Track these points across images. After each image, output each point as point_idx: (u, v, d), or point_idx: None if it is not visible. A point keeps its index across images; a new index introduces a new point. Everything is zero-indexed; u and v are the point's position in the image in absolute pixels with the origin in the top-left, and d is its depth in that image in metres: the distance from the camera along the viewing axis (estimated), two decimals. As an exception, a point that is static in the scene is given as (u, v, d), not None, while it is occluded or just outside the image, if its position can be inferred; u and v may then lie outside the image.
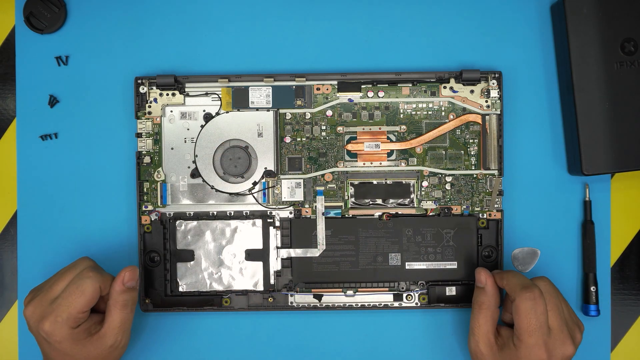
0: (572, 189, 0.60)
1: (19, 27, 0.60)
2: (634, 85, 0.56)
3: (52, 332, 0.51)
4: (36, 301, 0.52)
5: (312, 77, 0.59)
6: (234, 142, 0.59)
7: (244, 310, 0.60)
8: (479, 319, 0.54)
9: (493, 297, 0.55)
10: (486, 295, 0.55)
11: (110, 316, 0.53)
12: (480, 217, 0.59)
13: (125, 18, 0.60)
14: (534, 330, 0.52)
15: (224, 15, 0.60)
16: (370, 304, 0.59)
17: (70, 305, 0.51)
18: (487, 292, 0.55)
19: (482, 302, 0.55)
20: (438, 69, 0.60)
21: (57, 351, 0.52)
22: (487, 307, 0.54)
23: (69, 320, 0.51)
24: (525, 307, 0.52)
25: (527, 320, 0.52)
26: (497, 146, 0.59)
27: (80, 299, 0.51)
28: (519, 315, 0.52)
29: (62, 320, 0.51)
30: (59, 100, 0.60)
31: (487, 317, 0.54)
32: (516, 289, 0.53)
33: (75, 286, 0.52)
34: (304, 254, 0.59)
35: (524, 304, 0.52)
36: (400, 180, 0.59)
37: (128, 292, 0.53)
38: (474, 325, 0.55)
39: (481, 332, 0.54)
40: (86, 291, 0.52)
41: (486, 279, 0.55)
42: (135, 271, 0.54)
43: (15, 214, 0.60)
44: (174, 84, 0.59)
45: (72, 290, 0.52)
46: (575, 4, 0.57)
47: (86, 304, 0.52)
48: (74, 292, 0.52)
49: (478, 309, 0.55)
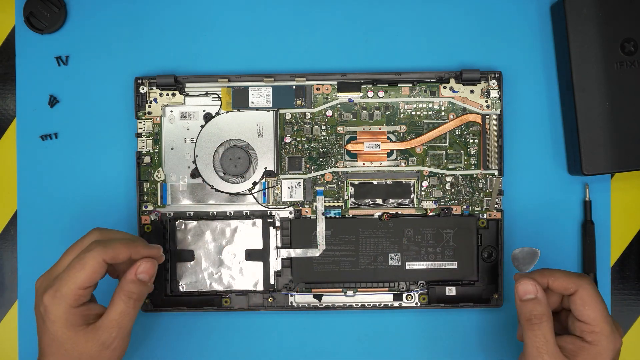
0: (572, 189, 0.60)
1: (19, 27, 0.60)
2: (634, 85, 0.56)
3: (50, 307, 0.48)
4: (44, 274, 0.50)
5: (312, 77, 0.59)
6: (234, 142, 0.59)
7: (244, 310, 0.60)
8: (545, 334, 0.48)
9: (548, 305, 0.49)
10: (542, 305, 0.49)
11: (112, 305, 0.50)
12: (480, 217, 0.59)
13: (125, 18, 0.60)
14: (607, 316, 0.48)
15: (224, 15, 0.60)
16: (370, 304, 0.59)
17: (69, 280, 0.48)
18: (541, 301, 0.49)
19: (542, 314, 0.48)
20: (438, 69, 0.60)
21: (47, 335, 0.49)
22: (548, 318, 0.49)
23: (67, 295, 0.48)
24: (594, 294, 0.48)
25: (600, 307, 0.48)
26: (497, 146, 0.59)
27: (80, 273, 0.48)
28: (589, 305, 0.48)
29: (60, 295, 0.48)
30: (59, 100, 0.60)
31: (550, 329, 0.48)
32: (571, 280, 0.49)
33: (78, 259, 0.49)
34: (304, 254, 0.59)
35: (590, 291, 0.48)
36: (400, 180, 0.59)
37: (138, 284, 0.50)
38: (540, 343, 0.48)
39: (550, 348, 0.48)
40: (87, 265, 0.48)
41: (536, 287, 0.49)
42: (153, 266, 0.51)
43: (15, 214, 0.60)
44: (174, 84, 0.59)
45: (74, 264, 0.49)
46: (575, 4, 0.57)
47: (87, 279, 0.48)
48: (75, 265, 0.48)
49: (539, 323, 0.48)
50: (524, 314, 0.49)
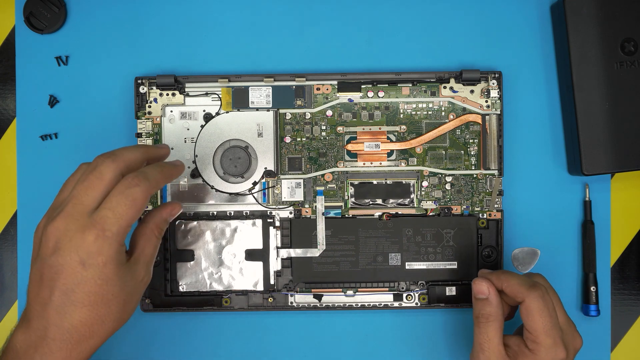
0: (572, 189, 0.60)
1: (19, 27, 0.60)
2: (634, 85, 0.56)
3: (99, 250, 0.44)
4: (65, 214, 0.45)
5: (312, 77, 0.59)
6: (234, 142, 0.59)
7: (244, 310, 0.60)
8: (488, 333, 0.50)
9: (499, 306, 0.51)
10: (491, 305, 0.51)
11: (145, 241, 0.48)
12: (480, 217, 0.59)
13: (125, 18, 0.60)
14: (550, 329, 0.49)
15: (224, 15, 0.60)
16: (370, 304, 0.59)
17: (121, 217, 0.44)
18: (491, 302, 0.51)
19: (489, 314, 0.51)
20: (438, 69, 0.60)
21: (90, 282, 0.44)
22: (495, 319, 0.51)
23: (118, 234, 0.45)
24: (538, 306, 0.49)
25: (542, 320, 0.49)
26: (497, 146, 0.59)
27: (131, 210, 0.45)
28: (532, 316, 0.49)
29: (111, 234, 0.44)
30: (59, 100, 0.60)
31: (496, 329, 0.51)
32: (521, 289, 0.50)
33: (124, 195, 0.45)
34: (304, 254, 0.59)
35: (535, 303, 0.49)
36: (400, 180, 0.59)
37: (167, 222, 0.51)
38: (483, 340, 0.51)
39: (492, 347, 0.50)
40: (137, 200, 0.45)
41: (489, 288, 0.51)
42: (180, 206, 0.52)
43: (15, 214, 0.60)
44: (174, 84, 0.59)
45: (119, 200, 0.45)
46: (575, 4, 0.57)
47: (137, 214, 0.45)
48: (123, 201, 0.45)
49: (485, 322, 0.51)
50: (474, 311, 0.52)
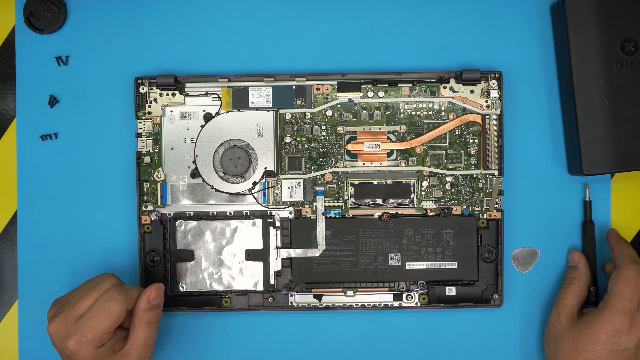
0: (572, 189, 0.60)
1: (19, 27, 0.60)
2: (634, 85, 0.56)
3: (77, 352, 0.51)
4: (60, 318, 0.52)
5: (312, 77, 0.59)
6: (234, 142, 0.59)
7: (244, 310, 0.60)
8: (567, 292, 0.56)
9: (584, 274, 0.57)
10: (578, 272, 0.57)
11: (135, 333, 0.53)
12: (480, 217, 0.59)
13: (125, 18, 0.60)
14: (625, 297, 0.53)
15: (224, 15, 0.60)
16: (370, 304, 0.59)
17: (96, 327, 0.51)
18: (579, 269, 0.57)
19: (573, 278, 0.57)
20: (438, 69, 0.60)
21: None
22: (577, 282, 0.57)
23: (94, 340, 0.51)
24: (627, 275, 0.53)
25: (623, 287, 0.53)
26: (497, 146, 0.59)
27: (106, 322, 0.51)
28: (617, 280, 0.54)
29: (87, 340, 0.51)
30: (59, 100, 0.60)
31: (575, 291, 0.56)
32: (627, 258, 0.55)
33: (102, 308, 0.51)
34: (304, 254, 0.59)
35: (627, 272, 0.54)
36: (400, 180, 0.59)
37: (153, 310, 0.53)
38: (560, 297, 0.56)
39: (566, 304, 0.56)
40: (113, 313, 0.51)
41: (579, 258, 0.58)
42: (161, 289, 0.54)
43: (15, 214, 0.60)
44: (174, 84, 0.59)
45: (98, 311, 0.51)
46: (575, 4, 0.57)
47: (112, 325, 0.52)
48: (100, 313, 0.51)
49: (568, 284, 0.57)
50: (565, 275, 0.58)
